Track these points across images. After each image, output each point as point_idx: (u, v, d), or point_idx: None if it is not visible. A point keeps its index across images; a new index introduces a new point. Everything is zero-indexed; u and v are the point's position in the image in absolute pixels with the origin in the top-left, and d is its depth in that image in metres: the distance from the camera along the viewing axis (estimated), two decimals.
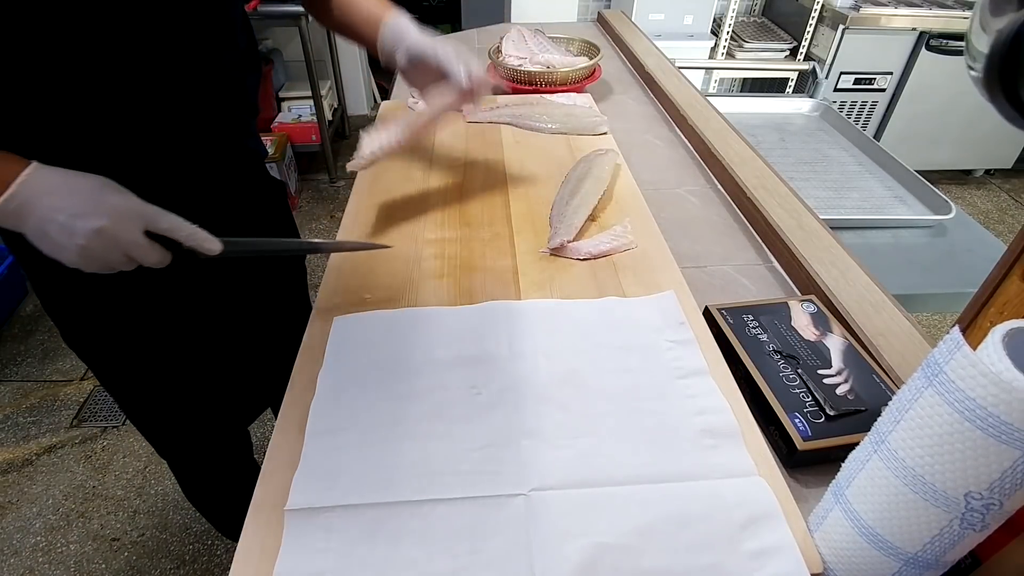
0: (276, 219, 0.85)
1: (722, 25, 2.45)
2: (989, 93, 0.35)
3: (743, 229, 0.84)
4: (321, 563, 0.42)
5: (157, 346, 0.75)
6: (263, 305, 0.85)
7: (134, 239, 0.51)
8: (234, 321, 0.81)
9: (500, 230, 0.76)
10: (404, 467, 0.48)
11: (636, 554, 0.42)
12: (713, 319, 0.63)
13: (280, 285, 0.89)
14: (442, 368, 0.57)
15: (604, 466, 0.48)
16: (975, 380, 0.31)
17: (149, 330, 0.74)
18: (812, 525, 0.45)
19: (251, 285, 0.82)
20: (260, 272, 0.83)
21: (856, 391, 0.53)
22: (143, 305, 0.71)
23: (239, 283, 0.79)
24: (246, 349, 0.86)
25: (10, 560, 1.32)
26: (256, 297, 0.83)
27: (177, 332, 0.76)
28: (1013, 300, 0.47)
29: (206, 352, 0.80)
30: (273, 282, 0.88)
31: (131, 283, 0.62)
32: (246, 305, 0.82)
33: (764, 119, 1.52)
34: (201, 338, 0.78)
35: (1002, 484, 0.32)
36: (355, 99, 3.11)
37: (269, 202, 0.83)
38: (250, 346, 0.86)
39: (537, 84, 1.13)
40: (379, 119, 0.79)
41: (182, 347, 0.77)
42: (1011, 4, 0.33)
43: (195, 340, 0.78)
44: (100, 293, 0.68)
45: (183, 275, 0.64)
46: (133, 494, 1.45)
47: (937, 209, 1.13)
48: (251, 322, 0.84)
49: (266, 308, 0.86)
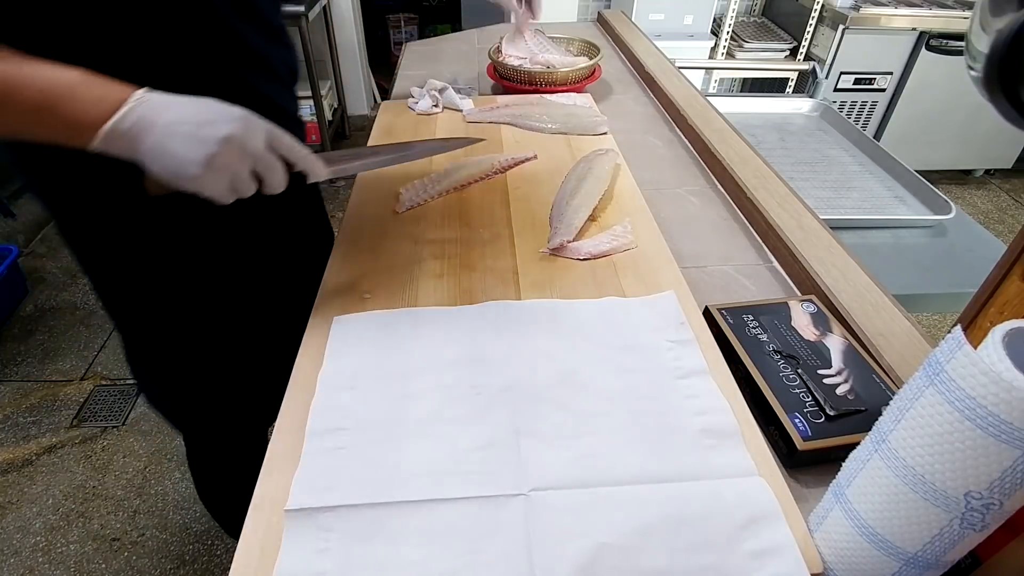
0: (307, 202, 0.86)
1: (722, 25, 2.45)
2: (989, 93, 0.35)
3: (743, 229, 0.84)
4: (321, 563, 0.42)
5: (193, 298, 0.74)
6: (292, 239, 0.84)
7: (260, 151, 0.50)
8: (267, 261, 0.80)
9: (500, 230, 0.76)
10: (404, 467, 0.48)
11: (636, 554, 0.42)
12: (713, 319, 0.63)
13: (304, 217, 0.88)
14: (442, 368, 0.57)
15: (604, 466, 0.48)
16: (976, 379, 0.31)
17: (185, 280, 0.72)
18: (812, 525, 0.45)
19: (279, 220, 0.80)
20: (286, 206, 0.80)
21: (856, 391, 0.53)
22: (179, 252, 0.70)
23: (270, 221, 0.77)
24: (278, 290, 0.83)
25: (10, 560, 1.32)
26: (285, 233, 0.82)
27: (212, 280, 0.74)
28: (1013, 300, 0.47)
29: (239, 302, 0.79)
30: (297, 215, 0.86)
31: (171, 226, 0.63)
32: (277, 243, 0.81)
33: (764, 119, 1.52)
34: (235, 286, 0.77)
35: (1002, 484, 0.32)
36: (355, 99, 3.11)
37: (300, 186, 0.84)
38: (281, 285, 0.83)
39: (537, 84, 1.13)
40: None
41: (217, 298, 0.76)
42: (1011, 4, 0.33)
43: (229, 290, 0.76)
44: (141, 240, 0.67)
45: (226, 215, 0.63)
46: (133, 494, 1.45)
47: (937, 209, 1.13)
48: (282, 259, 0.82)
49: (294, 242, 0.84)
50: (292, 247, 0.84)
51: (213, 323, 0.77)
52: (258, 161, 0.51)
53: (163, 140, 0.47)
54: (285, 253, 0.82)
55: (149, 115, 0.47)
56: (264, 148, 0.51)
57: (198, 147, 0.47)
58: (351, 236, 0.75)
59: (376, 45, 3.45)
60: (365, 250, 0.72)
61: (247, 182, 0.51)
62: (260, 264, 0.79)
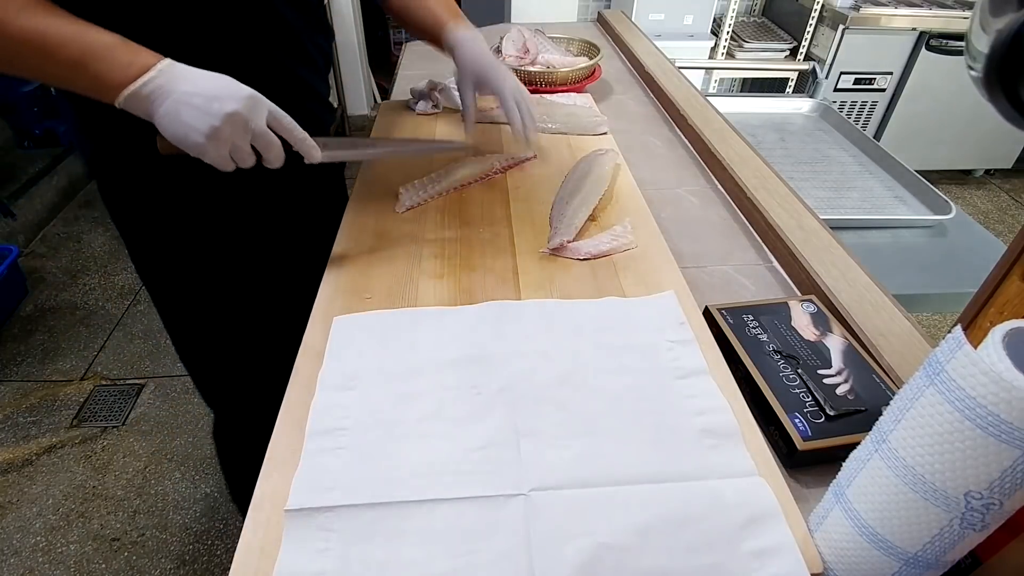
0: (330, 190, 0.90)
1: (722, 25, 2.45)
2: (989, 93, 0.35)
3: (743, 229, 0.84)
4: (321, 563, 0.42)
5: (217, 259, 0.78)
6: (311, 203, 0.87)
7: (261, 128, 0.56)
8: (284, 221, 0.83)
9: (500, 230, 0.76)
10: (404, 467, 0.48)
11: (636, 554, 0.42)
12: (713, 319, 0.63)
13: (322, 181, 0.91)
14: (442, 368, 0.57)
15: (604, 466, 0.48)
16: (976, 379, 0.31)
17: (209, 239, 0.77)
18: (812, 525, 0.45)
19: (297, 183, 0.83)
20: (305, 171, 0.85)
21: (856, 391, 0.53)
22: (201, 210, 0.75)
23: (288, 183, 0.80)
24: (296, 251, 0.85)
25: (10, 560, 1.32)
26: (303, 193, 0.85)
27: (233, 238, 0.78)
28: (1013, 300, 0.47)
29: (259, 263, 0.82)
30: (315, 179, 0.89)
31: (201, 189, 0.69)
32: (294, 204, 0.84)
33: (764, 119, 1.52)
34: (255, 247, 0.81)
35: (1002, 484, 0.32)
36: (355, 99, 3.10)
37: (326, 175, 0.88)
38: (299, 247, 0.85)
39: (537, 84, 1.13)
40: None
41: (238, 258, 0.80)
42: (1011, 4, 0.33)
43: (250, 250, 0.80)
44: (166, 198, 0.73)
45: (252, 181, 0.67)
46: (133, 494, 1.45)
47: (937, 209, 1.13)
48: (299, 218, 0.85)
49: (314, 205, 0.88)
50: (309, 207, 0.88)
51: (235, 285, 0.82)
52: (258, 137, 0.56)
53: (176, 108, 0.53)
54: (302, 212, 0.86)
55: (167, 84, 0.53)
56: (264, 126, 0.56)
57: (205, 118, 0.53)
58: (351, 236, 0.75)
59: (376, 45, 3.45)
60: (365, 250, 0.72)
61: (247, 155, 0.57)
62: (277, 224, 0.82)
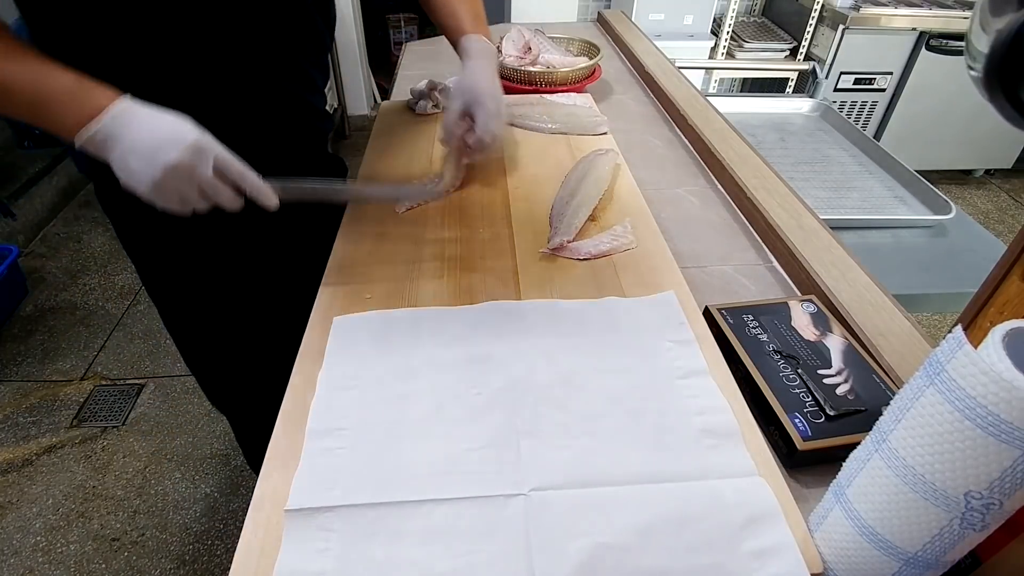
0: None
1: (722, 25, 2.45)
2: (989, 93, 0.35)
3: (743, 229, 0.84)
4: (321, 563, 0.42)
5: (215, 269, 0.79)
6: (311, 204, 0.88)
7: (206, 177, 0.55)
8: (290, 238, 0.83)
9: (500, 230, 0.76)
10: (404, 467, 0.48)
11: (636, 554, 0.42)
12: (713, 319, 0.63)
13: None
14: (442, 368, 0.57)
15: (604, 466, 0.48)
16: (976, 379, 0.31)
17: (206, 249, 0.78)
18: (812, 525, 0.45)
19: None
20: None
21: (856, 391, 0.53)
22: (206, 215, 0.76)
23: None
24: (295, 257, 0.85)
25: (10, 560, 1.32)
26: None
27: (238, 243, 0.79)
28: (1013, 300, 0.47)
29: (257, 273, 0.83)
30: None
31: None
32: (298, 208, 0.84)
33: (764, 119, 1.52)
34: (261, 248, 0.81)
35: (1002, 484, 0.32)
36: (355, 99, 3.10)
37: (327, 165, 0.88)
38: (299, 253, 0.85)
39: (537, 84, 1.13)
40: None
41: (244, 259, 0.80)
42: (1011, 4, 0.33)
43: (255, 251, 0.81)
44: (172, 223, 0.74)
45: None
46: (133, 494, 1.45)
47: (937, 209, 1.13)
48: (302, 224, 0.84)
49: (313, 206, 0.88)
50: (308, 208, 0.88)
51: (234, 286, 0.82)
52: (205, 186, 0.56)
53: (124, 156, 0.54)
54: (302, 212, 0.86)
55: (116, 131, 0.53)
56: (210, 175, 0.56)
57: (148, 169, 0.53)
58: (351, 236, 0.75)
59: (376, 45, 3.45)
60: (365, 250, 0.72)
61: (197, 201, 0.57)
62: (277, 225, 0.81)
